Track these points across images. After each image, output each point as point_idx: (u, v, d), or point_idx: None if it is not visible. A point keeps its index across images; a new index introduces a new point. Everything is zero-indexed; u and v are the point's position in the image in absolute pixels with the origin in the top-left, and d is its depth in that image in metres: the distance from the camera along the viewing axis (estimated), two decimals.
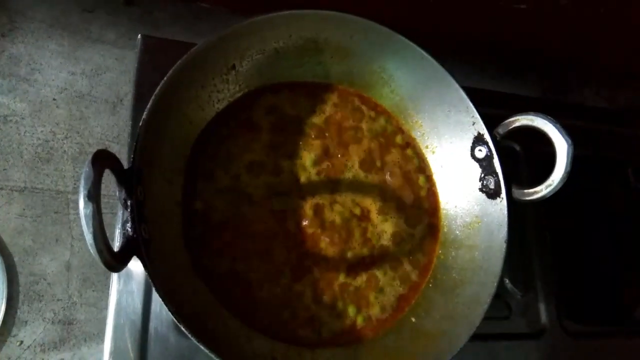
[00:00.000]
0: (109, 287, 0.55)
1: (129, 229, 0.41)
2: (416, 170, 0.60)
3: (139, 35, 0.62)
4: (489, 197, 0.54)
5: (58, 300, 0.62)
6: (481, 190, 0.54)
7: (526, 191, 0.51)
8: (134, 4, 0.74)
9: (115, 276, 0.54)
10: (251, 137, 0.55)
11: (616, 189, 0.79)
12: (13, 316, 0.60)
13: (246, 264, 0.51)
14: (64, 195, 0.65)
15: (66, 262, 0.63)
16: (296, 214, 0.54)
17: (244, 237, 0.52)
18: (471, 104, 0.54)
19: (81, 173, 0.36)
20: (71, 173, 0.66)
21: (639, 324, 0.73)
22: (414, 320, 0.54)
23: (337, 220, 0.55)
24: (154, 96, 0.45)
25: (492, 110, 0.55)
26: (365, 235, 0.55)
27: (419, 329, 0.53)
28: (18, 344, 0.59)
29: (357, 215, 0.56)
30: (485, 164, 0.54)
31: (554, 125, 0.49)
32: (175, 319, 0.40)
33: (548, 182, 0.49)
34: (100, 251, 0.36)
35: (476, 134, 0.54)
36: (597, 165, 0.79)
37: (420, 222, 0.58)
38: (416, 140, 0.60)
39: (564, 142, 0.48)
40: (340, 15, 0.53)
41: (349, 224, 0.55)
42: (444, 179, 0.59)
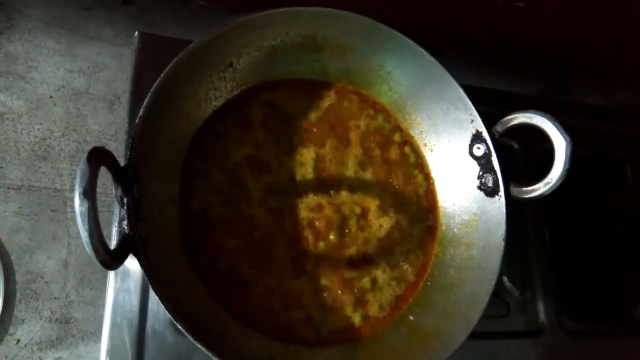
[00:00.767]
0: (106, 286, 0.54)
1: (126, 227, 0.41)
2: (414, 169, 0.59)
3: (136, 33, 0.61)
4: (487, 195, 0.53)
5: (55, 298, 0.62)
6: (479, 188, 0.54)
7: (524, 189, 0.51)
8: (131, 2, 0.74)
9: (112, 274, 0.54)
10: (248, 134, 0.55)
11: (615, 187, 0.79)
12: (10, 314, 0.59)
13: (243, 262, 0.51)
14: (61, 193, 0.65)
15: (63, 261, 0.63)
16: (294, 212, 0.54)
17: (241, 235, 0.52)
18: (470, 102, 0.53)
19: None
20: (68, 171, 0.66)
21: (637, 322, 0.73)
22: (412, 319, 0.54)
23: (335, 218, 0.55)
24: (150, 94, 0.45)
25: (490, 108, 0.54)
26: (363, 234, 0.55)
27: (416, 327, 0.53)
28: (15, 342, 0.59)
29: (355, 214, 0.56)
30: (484, 162, 0.54)
31: (552, 123, 0.48)
32: (172, 317, 0.40)
33: (546, 180, 0.49)
34: (96, 249, 0.36)
35: (474, 132, 0.54)
36: (595, 163, 0.79)
37: (418, 220, 0.58)
38: (414, 138, 0.60)
39: (563, 140, 0.48)
40: (339, 13, 0.53)
41: (347, 222, 0.55)
42: (442, 177, 0.59)
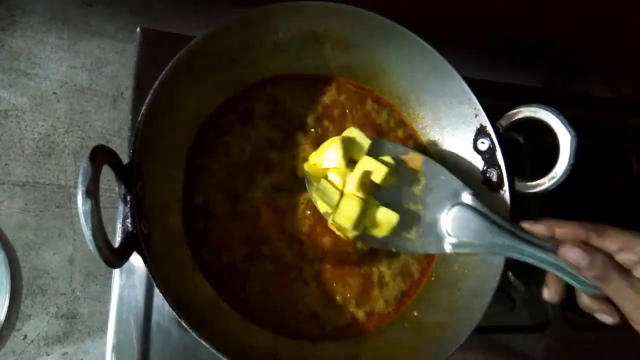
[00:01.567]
0: (111, 281, 0.55)
1: (129, 225, 0.41)
2: None
3: (138, 28, 0.61)
4: (491, 189, 0.53)
5: (61, 294, 0.62)
6: (484, 182, 0.54)
7: (529, 184, 0.51)
8: None
9: (117, 270, 0.54)
10: (250, 130, 0.55)
11: (621, 179, 0.79)
12: (17, 310, 0.60)
13: (247, 258, 0.51)
14: (66, 189, 0.65)
15: (69, 257, 0.63)
16: (297, 208, 0.54)
17: (244, 232, 0.52)
18: (474, 96, 0.53)
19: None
20: (72, 167, 0.66)
21: None
22: (416, 314, 0.54)
23: None
24: (152, 90, 0.45)
25: (495, 102, 0.54)
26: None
27: (421, 322, 0.53)
28: (22, 338, 0.60)
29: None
30: (488, 157, 0.53)
31: (557, 117, 0.48)
32: (175, 313, 0.40)
33: (551, 174, 0.49)
34: (99, 247, 0.36)
35: (479, 126, 0.54)
36: (601, 155, 0.78)
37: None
38: (418, 132, 0.60)
39: (567, 134, 0.47)
40: (340, 7, 0.52)
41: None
42: None
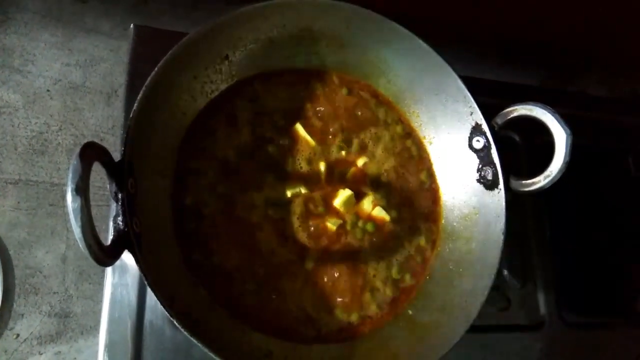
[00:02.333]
0: (104, 280, 0.54)
1: (120, 223, 0.40)
2: (416, 162, 0.59)
3: (132, 26, 0.61)
4: (486, 188, 0.53)
5: (54, 293, 0.62)
6: (479, 181, 0.54)
7: (524, 182, 0.51)
8: None
9: (110, 269, 0.54)
10: (241, 128, 0.54)
11: (616, 178, 0.79)
12: (9, 309, 0.60)
13: (238, 259, 0.50)
14: (59, 187, 0.65)
15: (62, 255, 0.63)
16: (290, 208, 0.53)
17: (235, 232, 0.51)
18: (469, 94, 0.53)
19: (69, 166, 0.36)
20: (66, 165, 0.65)
21: (638, 315, 0.72)
22: (411, 313, 0.54)
23: (334, 213, 0.54)
24: (144, 87, 0.45)
25: (490, 100, 0.53)
26: (364, 230, 0.54)
27: (416, 321, 0.53)
28: (14, 337, 0.59)
29: (355, 209, 0.55)
30: (483, 155, 0.53)
31: (552, 115, 0.48)
32: (167, 312, 0.40)
33: (547, 172, 0.49)
34: (89, 245, 0.35)
35: (474, 124, 0.53)
36: (597, 154, 0.78)
37: (419, 216, 0.57)
38: (415, 130, 0.59)
39: (563, 132, 0.47)
40: (336, 4, 0.52)
41: (348, 218, 0.54)
42: (441, 170, 0.58)
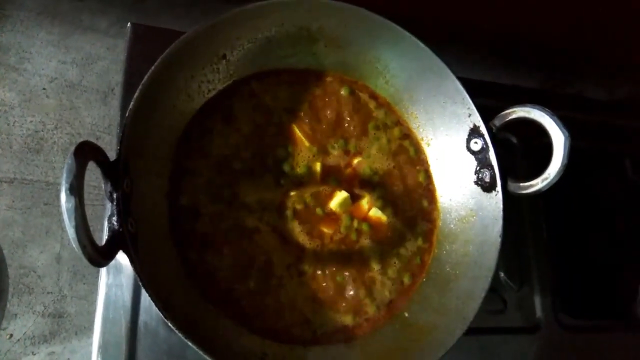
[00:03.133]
0: (98, 280, 0.54)
1: (115, 223, 0.40)
2: (414, 163, 0.58)
3: (129, 24, 0.60)
4: (484, 190, 0.53)
5: (48, 293, 0.61)
6: (476, 183, 0.53)
7: (522, 184, 0.50)
8: None
9: (104, 269, 0.54)
10: (238, 128, 0.54)
11: (613, 181, 0.79)
12: (3, 309, 0.59)
13: (235, 261, 0.50)
14: (54, 186, 0.64)
15: (56, 255, 0.62)
16: (286, 209, 0.53)
17: (231, 233, 0.51)
18: (467, 96, 0.52)
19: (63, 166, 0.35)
20: (61, 164, 0.65)
21: (635, 318, 0.72)
22: (407, 315, 0.53)
23: (332, 215, 0.54)
24: (140, 86, 0.44)
25: (488, 102, 0.53)
26: (361, 232, 0.54)
27: (412, 324, 0.53)
28: (8, 337, 0.59)
29: (352, 211, 0.55)
30: (481, 157, 0.53)
31: (550, 118, 0.48)
32: (162, 314, 0.39)
33: (544, 175, 0.48)
34: (83, 246, 0.35)
35: (472, 126, 0.53)
36: (595, 156, 0.78)
37: (416, 218, 0.57)
38: (413, 132, 0.59)
39: (561, 135, 0.47)
40: (334, 3, 0.52)
41: (344, 219, 0.54)
42: (439, 171, 0.58)
